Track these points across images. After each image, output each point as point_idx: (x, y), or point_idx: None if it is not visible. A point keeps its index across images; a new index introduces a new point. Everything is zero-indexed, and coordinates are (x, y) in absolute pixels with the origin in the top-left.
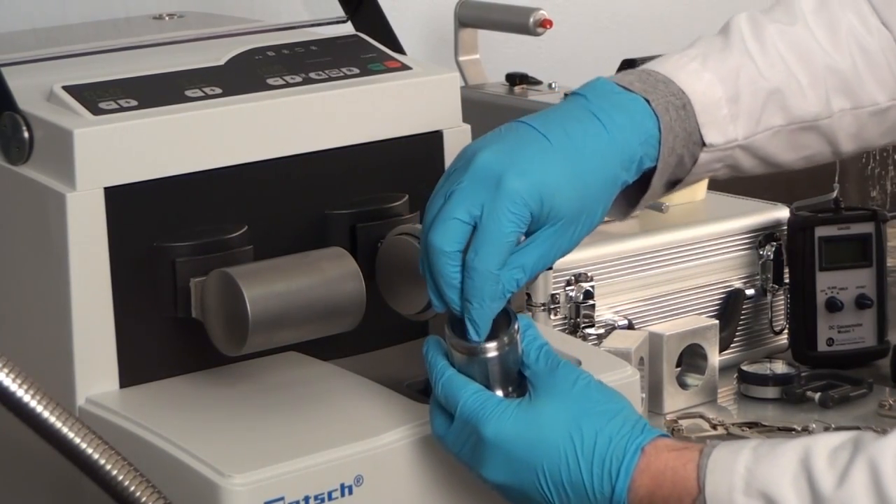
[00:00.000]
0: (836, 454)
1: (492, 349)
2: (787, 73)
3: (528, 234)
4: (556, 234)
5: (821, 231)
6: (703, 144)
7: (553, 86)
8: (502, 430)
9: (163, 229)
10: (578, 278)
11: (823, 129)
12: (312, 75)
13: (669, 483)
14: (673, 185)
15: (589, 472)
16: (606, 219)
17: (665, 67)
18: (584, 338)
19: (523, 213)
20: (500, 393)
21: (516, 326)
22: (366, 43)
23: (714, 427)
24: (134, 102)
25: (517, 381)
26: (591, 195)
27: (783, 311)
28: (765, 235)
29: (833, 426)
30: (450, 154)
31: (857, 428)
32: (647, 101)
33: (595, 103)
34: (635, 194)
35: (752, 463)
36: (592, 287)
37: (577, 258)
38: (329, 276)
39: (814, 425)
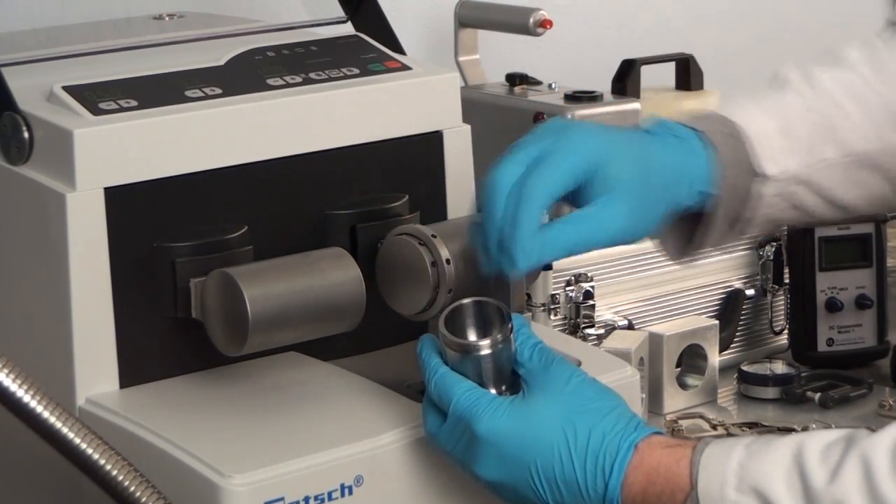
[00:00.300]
0: (829, 450)
1: (485, 346)
2: (837, 109)
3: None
4: (609, 203)
5: (821, 231)
6: (757, 174)
7: (553, 86)
8: (495, 427)
9: (163, 229)
10: (578, 278)
11: (880, 165)
12: (312, 75)
13: (662, 479)
14: (734, 223)
15: (582, 468)
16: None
17: (712, 106)
18: (584, 338)
19: (580, 163)
20: (493, 391)
21: (510, 325)
22: (366, 43)
23: (714, 427)
24: (134, 102)
25: (510, 379)
26: (652, 184)
27: (783, 312)
28: (765, 236)
29: (833, 427)
30: (450, 154)
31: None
32: (696, 131)
33: (651, 128)
34: (690, 233)
35: (744, 459)
36: (592, 287)
37: (577, 258)
38: (329, 276)
39: (814, 426)
